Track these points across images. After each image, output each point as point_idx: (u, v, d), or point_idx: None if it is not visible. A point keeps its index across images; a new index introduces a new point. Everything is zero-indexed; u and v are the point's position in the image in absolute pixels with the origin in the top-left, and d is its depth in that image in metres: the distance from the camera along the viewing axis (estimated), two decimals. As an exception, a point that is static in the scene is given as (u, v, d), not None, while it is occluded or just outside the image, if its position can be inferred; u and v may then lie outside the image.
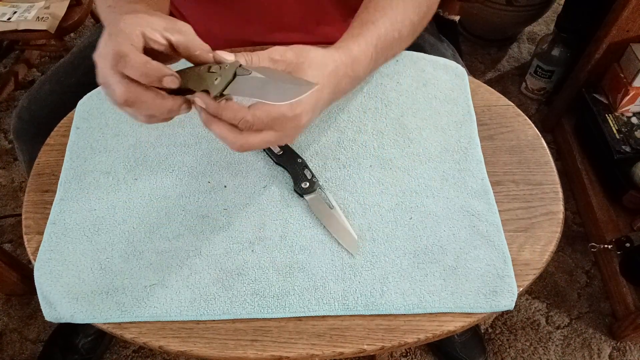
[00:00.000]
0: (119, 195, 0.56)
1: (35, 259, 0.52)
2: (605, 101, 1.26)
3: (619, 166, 1.17)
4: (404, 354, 1.10)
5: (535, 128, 0.63)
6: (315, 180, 0.55)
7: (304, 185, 0.55)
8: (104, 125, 0.62)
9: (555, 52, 1.44)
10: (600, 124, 1.22)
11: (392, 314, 0.48)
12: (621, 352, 1.11)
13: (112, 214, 0.55)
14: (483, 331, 1.14)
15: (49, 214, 0.55)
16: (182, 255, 0.52)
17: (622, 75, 1.19)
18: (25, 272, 1.13)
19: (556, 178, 0.58)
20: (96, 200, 0.56)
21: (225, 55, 0.43)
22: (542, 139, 0.62)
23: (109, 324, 0.48)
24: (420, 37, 0.73)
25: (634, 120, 1.22)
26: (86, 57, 0.73)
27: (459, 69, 0.68)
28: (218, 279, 0.50)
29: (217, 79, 0.41)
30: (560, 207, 0.56)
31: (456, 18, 0.84)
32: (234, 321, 0.48)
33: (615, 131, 1.20)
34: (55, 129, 0.64)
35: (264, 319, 0.49)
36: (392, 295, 0.49)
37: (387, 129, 0.61)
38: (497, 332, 1.14)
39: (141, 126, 0.62)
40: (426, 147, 0.60)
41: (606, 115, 1.23)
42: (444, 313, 0.48)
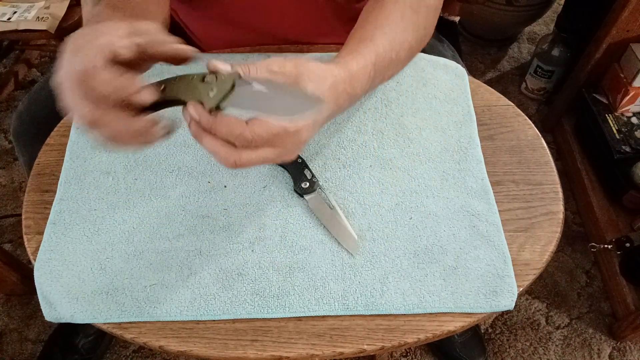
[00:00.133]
0: (119, 195, 0.56)
1: (35, 259, 0.52)
2: (605, 101, 1.26)
3: (619, 166, 1.17)
4: (404, 354, 1.10)
5: (535, 128, 0.63)
6: (315, 180, 0.55)
7: (304, 185, 0.55)
8: (104, 125, 0.62)
9: (555, 52, 1.44)
10: (600, 124, 1.22)
11: (392, 314, 0.48)
12: (621, 352, 1.11)
13: (112, 214, 0.55)
14: (483, 331, 1.14)
15: (49, 214, 0.55)
16: (182, 255, 0.52)
17: (622, 75, 1.19)
18: (25, 272, 1.13)
19: (556, 178, 0.58)
20: (96, 200, 0.56)
21: (220, 65, 0.39)
22: (542, 139, 0.62)
23: (109, 324, 0.48)
24: None
25: (634, 120, 1.22)
26: None
27: (459, 69, 0.68)
28: (218, 279, 0.50)
29: (212, 90, 0.38)
30: (560, 207, 0.56)
31: (456, 19, 0.84)
32: (234, 321, 0.48)
33: (615, 131, 1.20)
34: (55, 128, 0.63)
35: (264, 319, 0.49)
36: (392, 295, 0.49)
37: (387, 128, 0.61)
38: (497, 332, 1.14)
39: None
40: (426, 147, 0.60)
41: (606, 115, 1.23)
42: (444, 313, 0.49)
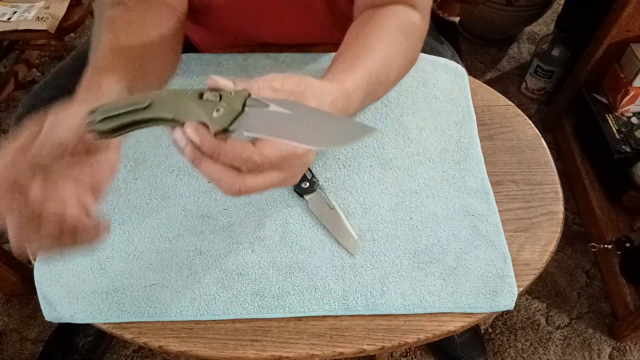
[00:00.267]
0: (119, 195, 0.56)
1: (35, 259, 0.52)
2: (605, 101, 1.26)
3: (619, 166, 1.17)
4: (404, 354, 1.10)
5: (535, 128, 0.63)
6: (315, 180, 0.55)
7: (304, 185, 0.55)
8: (104, 125, 0.62)
9: (555, 52, 1.44)
10: (600, 124, 1.22)
11: (392, 314, 0.48)
12: (621, 352, 1.11)
13: (112, 214, 0.55)
14: (483, 331, 1.14)
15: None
16: (182, 255, 0.52)
17: (622, 75, 1.19)
18: (25, 272, 1.13)
19: (556, 178, 0.58)
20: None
21: (223, 82, 0.35)
22: (542, 139, 0.62)
23: (108, 324, 0.48)
24: None
25: (634, 120, 1.22)
26: (86, 62, 0.73)
27: (459, 69, 0.68)
28: (218, 279, 0.50)
29: (218, 110, 0.34)
30: (560, 207, 0.56)
31: (456, 19, 0.84)
32: (234, 321, 0.48)
33: (615, 131, 1.20)
34: (55, 129, 0.63)
35: (264, 319, 0.49)
36: (392, 295, 0.49)
37: (387, 129, 0.61)
38: (497, 332, 1.14)
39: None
40: (426, 147, 0.60)
41: (606, 115, 1.23)
42: (444, 313, 0.49)
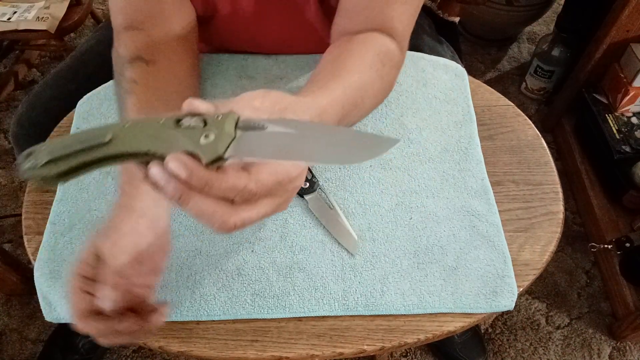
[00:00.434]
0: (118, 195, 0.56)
1: (35, 259, 0.52)
2: (605, 101, 1.26)
3: (619, 166, 1.17)
4: (404, 354, 1.10)
5: (535, 128, 0.63)
6: (315, 180, 0.55)
7: (304, 185, 0.55)
8: (104, 126, 0.62)
9: (555, 52, 1.44)
10: (600, 124, 1.22)
11: (392, 314, 0.48)
12: (621, 352, 1.11)
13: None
14: (483, 331, 1.14)
15: (49, 214, 0.55)
16: (182, 255, 0.52)
17: (622, 75, 1.19)
18: (25, 272, 1.13)
19: (556, 178, 0.58)
20: (96, 200, 0.56)
21: (203, 105, 0.31)
22: (542, 139, 0.62)
23: (108, 324, 0.48)
24: (419, 38, 0.73)
25: (634, 120, 1.22)
26: (86, 62, 0.73)
27: (459, 69, 0.68)
28: (218, 279, 0.50)
29: (207, 137, 0.29)
30: (560, 207, 0.56)
31: (456, 19, 0.84)
32: (234, 321, 0.48)
33: (615, 131, 1.20)
34: (55, 129, 0.63)
35: (264, 320, 0.49)
36: (392, 296, 0.49)
37: (387, 129, 0.61)
38: (497, 332, 1.14)
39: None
40: (426, 147, 0.60)
41: (606, 115, 1.23)
42: (444, 313, 0.49)
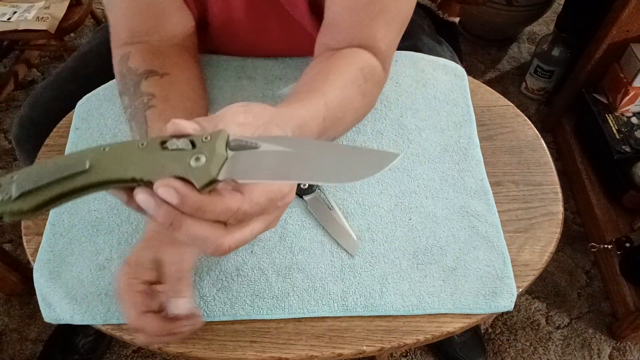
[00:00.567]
0: (118, 196, 0.56)
1: (34, 260, 0.52)
2: (605, 101, 1.26)
3: (619, 166, 1.16)
4: (404, 354, 1.10)
5: (535, 128, 0.63)
6: (314, 181, 0.55)
7: (303, 185, 0.55)
8: (103, 126, 0.62)
9: (555, 52, 1.44)
10: (600, 124, 1.22)
11: (392, 315, 0.48)
12: (621, 352, 1.11)
13: (111, 215, 0.55)
14: (483, 331, 1.13)
15: (48, 214, 0.55)
16: (182, 256, 0.52)
17: (622, 75, 1.19)
18: (25, 272, 1.13)
19: (556, 178, 0.58)
20: (95, 201, 0.56)
21: (189, 124, 0.30)
22: (541, 139, 0.62)
23: (108, 325, 0.48)
24: (418, 39, 0.73)
25: (634, 120, 1.22)
26: (87, 63, 0.73)
27: (459, 69, 0.68)
28: (217, 280, 0.50)
29: (198, 159, 0.28)
30: (560, 207, 0.56)
31: (456, 19, 0.84)
32: (233, 322, 0.48)
33: (615, 131, 1.20)
34: (55, 129, 0.63)
35: (263, 320, 0.49)
36: (391, 296, 0.49)
37: (386, 129, 0.61)
38: (497, 332, 1.14)
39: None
40: (426, 148, 0.60)
41: (606, 115, 1.23)
42: (443, 314, 0.48)
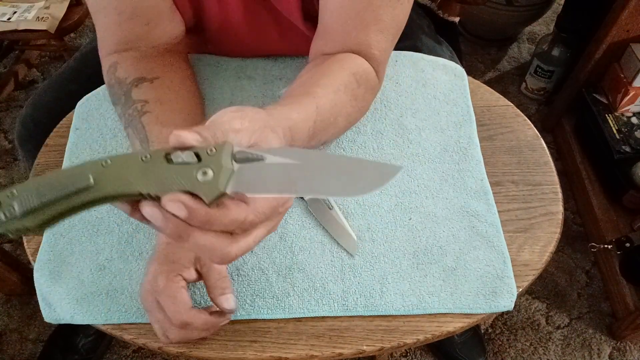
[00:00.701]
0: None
1: (34, 260, 0.52)
2: (605, 101, 1.26)
3: (619, 166, 1.16)
4: (404, 354, 1.10)
5: (535, 128, 0.63)
6: (314, 181, 0.55)
7: (304, 186, 0.55)
8: (103, 126, 0.62)
9: (555, 52, 1.44)
10: (600, 124, 1.22)
11: (392, 314, 0.48)
12: (621, 352, 1.11)
13: (111, 215, 0.55)
14: (483, 331, 1.13)
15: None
16: (182, 256, 0.52)
17: (622, 75, 1.19)
18: (25, 272, 1.13)
19: (555, 178, 0.58)
20: (95, 201, 0.56)
21: (193, 136, 0.30)
22: (541, 139, 0.62)
23: (108, 325, 0.48)
24: (418, 39, 0.73)
25: (634, 120, 1.22)
26: (88, 63, 0.73)
27: (458, 69, 0.68)
28: (217, 279, 0.50)
29: (205, 174, 0.28)
30: (560, 207, 0.56)
31: (456, 19, 0.84)
32: (233, 322, 0.48)
33: (615, 131, 1.20)
34: (55, 129, 0.64)
35: (263, 320, 0.49)
36: (391, 296, 0.49)
37: (386, 129, 0.61)
38: (497, 332, 1.14)
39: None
40: (425, 148, 0.60)
41: (606, 115, 1.23)
42: (443, 314, 0.49)
